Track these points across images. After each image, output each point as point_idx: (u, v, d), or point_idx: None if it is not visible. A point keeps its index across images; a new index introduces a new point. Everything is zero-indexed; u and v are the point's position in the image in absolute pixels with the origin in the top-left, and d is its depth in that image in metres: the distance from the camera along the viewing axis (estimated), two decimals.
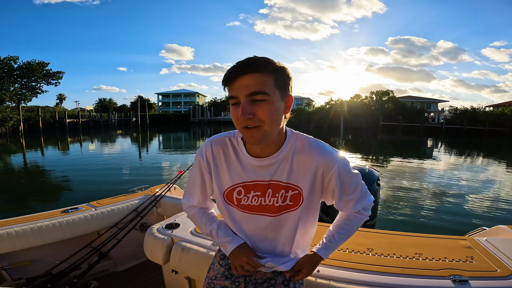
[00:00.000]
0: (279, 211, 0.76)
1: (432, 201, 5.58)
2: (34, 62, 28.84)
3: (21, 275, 1.61)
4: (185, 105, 59.65)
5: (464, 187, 6.88)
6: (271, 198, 0.75)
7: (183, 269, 1.29)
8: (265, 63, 0.64)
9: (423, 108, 39.18)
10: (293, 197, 0.75)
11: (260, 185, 0.75)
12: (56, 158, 11.94)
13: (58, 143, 18.64)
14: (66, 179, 7.40)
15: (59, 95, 60.45)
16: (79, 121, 33.57)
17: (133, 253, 2.08)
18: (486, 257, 1.13)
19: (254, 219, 0.78)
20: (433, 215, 4.71)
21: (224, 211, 0.82)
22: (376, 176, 2.32)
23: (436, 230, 4.01)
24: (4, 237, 1.51)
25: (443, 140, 23.02)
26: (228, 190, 0.78)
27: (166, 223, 1.50)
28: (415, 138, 23.65)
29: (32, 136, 23.15)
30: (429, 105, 44.44)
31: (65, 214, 1.80)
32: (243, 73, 0.63)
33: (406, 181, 7.26)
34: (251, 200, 0.77)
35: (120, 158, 11.30)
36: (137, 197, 2.14)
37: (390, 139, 22.64)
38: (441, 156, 13.32)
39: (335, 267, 1.08)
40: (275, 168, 0.74)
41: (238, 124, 0.67)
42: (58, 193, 6.10)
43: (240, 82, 0.64)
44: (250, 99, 0.63)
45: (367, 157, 12.05)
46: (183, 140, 21.76)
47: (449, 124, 31.09)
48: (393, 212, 4.80)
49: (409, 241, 1.29)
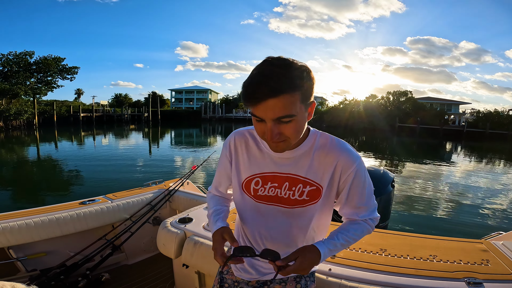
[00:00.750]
0: (295, 204, 0.77)
1: (448, 204, 5.48)
2: (50, 57, 29.92)
3: (36, 266, 1.66)
4: (197, 101, 60.55)
5: (483, 191, 6.69)
6: (287, 191, 0.76)
7: (194, 264, 1.31)
8: (291, 80, 0.59)
9: (443, 110, 37.82)
10: (310, 193, 0.76)
11: (278, 177, 0.76)
12: (73, 151, 12.45)
13: (72, 136, 19.41)
14: (85, 171, 7.75)
15: (77, 89, 62.87)
16: (93, 115, 34.67)
17: (144, 246, 2.12)
18: (502, 260, 1.13)
19: (269, 210, 0.79)
20: (449, 218, 4.64)
21: (240, 201, 0.84)
22: (391, 178, 2.32)
23: (452, 233, 3.97)
24: (23, 228, 1.55)
25: (464, 144, 22.23)
26: (247, 180, 0.80)
27: (179, 217, 1.52)
28: (434, 141, 22.87)
29: (47, 130, 24.16)
30: (449, 107, 42.50)
31: (83, 206, 1.85)
32: (269, 96, 0.59)
33: (421, 184, 7.13)
34: (267, 191, 0.78)
35: (135, 152, 11.70)
36: (151, 191, 2.19)
37: (407, 141, 22.05)
38: (461, 160, 12.91)
39: (347, 266, 1.10)
40: (295, 162, 0.75)
41: (263, 134, 0.67)
42: (77, 185, 6.40)
43: (265, 105, 0.60)
44: (277, 121, 0.63)
45: (382, 159, 11.85)
46: (195, 136, 22.11)
47: (471, 127, 29.90)
48: (407, 214, 4.75)
49: (423, 243, 1.29)
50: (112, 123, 35.56)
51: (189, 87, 66.67)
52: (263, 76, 0.60)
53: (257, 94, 0.60)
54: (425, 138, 25.56)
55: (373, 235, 1.41)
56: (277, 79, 0.59)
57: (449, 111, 41.10)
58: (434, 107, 37.47)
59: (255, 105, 0.62)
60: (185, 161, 9.91)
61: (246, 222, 0.84)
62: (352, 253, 1.21)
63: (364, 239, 1.36)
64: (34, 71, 29.35)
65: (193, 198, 2.16)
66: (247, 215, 0.83)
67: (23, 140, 17.33)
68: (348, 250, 1.24)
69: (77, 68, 32.53)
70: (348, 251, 1.23)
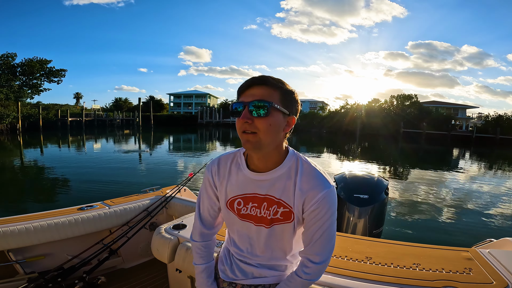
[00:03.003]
0: (271, 223, 0.85)
1: (445, 212, 5.60)
2: (36, 59, 29.74)
3: (34, 269, 1.77)
4: (196, 106, 61.36)
5: (486, 197, 6.83)
6: (266, 211, 0.84)
7: (186, 269, 1.40)
8: (276, 81, 0.76)
9: (449, 114, 37.55)
10: (283, 214, 0.83)
11: (257, 198, 0.84)
12: (62, 156, 12.45)
13: (59, 142, 19.44)
14: (84, 177, 7.98)
15: (76, 93, 64.05)
16: (83, 120, 34.76)
17: (141, 251, 2.24)
18: (485, 269, 1.17)
19: (252, 228, 0.88)
20: (442, 226, 4.76)
21: (226, 216, 0.93)
22: (385, 185, 2.37)
23: (443, 241, 4.03)
24: (22, 232, 1.67)
25: (473, 150, 22.15)
26: (230, 200, 0.89)
27: (173, 224, 1.63)
28: (441, 148, 22.82)
29: (32, 134, 24.19)
30: (456, 111, 42.51)
31: (81, 211, 1.97)
32: (254, 83, 0.76)
33: (418, 191, 7.25)
34: (250, 210, 0.86)
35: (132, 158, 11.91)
36: (148, 198, 2.32)
37: (412, 147, 22.06)
38: (468, 166, 12.96)
39: (331, 274, 1.14)
40: (271, 183, 0.83)
41: (239, 129, 0.77)
42: (76, 191, 6.57)
43: (249, 91, 0.76)
44: (253, 110, 0.74)
45: (383, 166, 11.83)
46: (188, 142, 22.10)
47: (480, 133, 29.88)
48: (402, 222, 4.86)
49: (409, 251, 1.34)
50: (104, 128, 35.74)
51: (188, 91, 67.38)
52: (256, 76, 0.78)
53: (247, 83, 0.77)
54: (432, 144, 25.58)
55: (361, 243, 1.46)
56: (264, 77, 0.76)
57: (455, 115, 41.30)
58: (440, 112, 37.23)
59: (243, 93, 0.77)
60: (182, 167, 10.09)
61: (233, 233, 0.95)
62: (338, 261, 1.25)
63: (351, 246, 1.42)
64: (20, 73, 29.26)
65: (189, 205, 2.27)
66: (233, 229, 0.93)
67: (5, 145, 17.33)
68: (333, 257, 1.28)
69: (64, 71, 32.46)
70: (333, 259, 1.27)
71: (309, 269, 0.83)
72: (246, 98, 0.75)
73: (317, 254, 0.82)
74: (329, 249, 0.83)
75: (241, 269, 0.93)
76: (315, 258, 0.82)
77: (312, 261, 0.83)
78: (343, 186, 2.41)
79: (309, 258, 0.83)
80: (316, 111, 45.11)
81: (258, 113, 0.74)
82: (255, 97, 0.74)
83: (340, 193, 2.35)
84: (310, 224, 0.81)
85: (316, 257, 0.82)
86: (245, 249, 0.92)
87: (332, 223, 0.81)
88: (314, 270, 0.83)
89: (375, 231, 2.17)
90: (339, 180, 2.52)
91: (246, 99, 0.75)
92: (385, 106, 37.09)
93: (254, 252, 0.91)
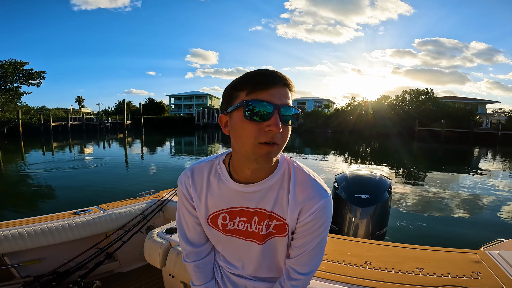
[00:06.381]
0: (264, 239, 0.81)
1: (454, 211, 5.64)
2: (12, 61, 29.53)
3: (30, 273, 1.87)
4: (197, 107, 62.44)
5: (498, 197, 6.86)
6: (257, 226, 0.80)
7: (177, 273, 1.44)
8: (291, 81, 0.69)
9: (470, 110, 35.85)
10: (277, 227, 0.80)
11: (246, 212, 0.79)
12: (52, 162, 12.55)
13: (43, 148, 19.53)
14: (78, 181, 8.36)
15: (77, 97, 65.42)
16: (68, 124, 34.87)
17: (138, 255, 2.33)
18: (494, 272, 1.15)
19: (241, 244, 0.83)
20: (450, 226, 4.77)
21: (209, 233, 0.88)
22: (388, 184, 2.41)
23: (450, 242, 4.04)
24: (17, 236, 1.77)
25: (499, 149, 21.19)
26: (212, 216, 0.83)
27: (166, 228, 1.68)
28: (462, 148, 22.19)
29: (12, 141, 24.22)
30: (475, 106, 41.33)
31: (75, 216, 2.08)
32: (284, 82, 0.66)
33: (426, 190, 7.29)
34: (237, 225, 0.81)
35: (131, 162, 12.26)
36: (144, 201, 2.42)
37: (429, 148, 21.42)
38: (491, 167, 12.65)
39: (327, 281, 1.14)
40: (261, 195, 0.77)
41: (255, 138, 0.65)
42: (69, 196, 6.84)
43: (277, 90, 0.65)
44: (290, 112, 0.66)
45: (397, 170, 11.69)
46: (173, 144, 22.19)
47: (505, 130, 28.49)
48: (407, 223, 4.87)
49: (412, 254, 1.33)
50: (94, 132, 35.88)
51: (188, 92, 68.88)
52: (268, 70, 0.67)
53: (271, 78, 0.65)
54: (451, 143, 25.06)
55: (360, 246, 1.46)
56: (283, 76, 0.67)
57: (474, 111, 40.67)
58: (459, 107, 36.09)
59: (267, 90, 0.64)
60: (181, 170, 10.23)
61: (220, 249, 0.92)
62: (334, 266, 1.25)
63: (350, 250, 1.42)
64: None
65: None
66: (219, 246, 0.90)
67: None
68: (331, 262, 1.29)
69: (43, 73, 32.42)
70: (330, 264, 1.27)
71: (297, 281, 0.82)
72: (275, 99, 0.64)
73: (306, 265, 0.81)
74: (319, 260, 0.83)
75: (232, 282, 0.91)
76: (303, 269, 0.81)
77: (299, 272, 0.81)
78: (344, 186, 2.45)
79: (296, 269, 0.81)
80: (321, 110, 44.28)
81: (293, 121, 0.67)
82: (286, 100, 0.66)
83: (341, 193, 2.39)
84: (302, 235, 0.78)
85: (304, 268, 0.81)
86: (237, 265, 0.89)
87: (326, 234, 0.80)
88: (302, 282, 0.82)
89: (379, 232, 2.20)
90: (340, 180, 2.56)
91: (275, 99, 0.64)
92: (396, 103, 36.08)
93: (246, 268, 0.88)
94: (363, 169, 9.83)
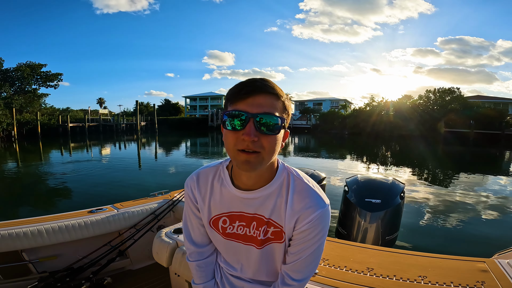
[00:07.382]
0: (262, 244, 0.85)
1: (473, 216, 5.48)
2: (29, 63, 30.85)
3: (46, 268, 1.99)
4: (212, 108, 63.72)
5: None
6: (255, 231, 0.84)
7: (182, 273, 1.50)
8: (278, 88, 0.72)
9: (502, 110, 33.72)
10: (274, 233, 0.83)
11: (245, 217, 0.84)
12: (70, 163, 13.19)
13: (61, 148, 20.50)
14: (95, 181, 8.83)
15: (99, 99, 69.18)
16: (86, 125, 36.20)
17: (148, 253, 2.41)
18: (500, 282, 1.12)
19: (240, 248, 0.88)
20: (468, 231, 4.68)
21: (210, 234, 0.94)
22: (401, 188, 2.39)
23: (462, 249, 4.00)
24: (35, 233, 1.91)
25: None
26: (214, 218, 0.88)
27: (174, 228, 1.77)
28: (493, 151, 21.20)
29: (31, 141, 25.49)
30: (505, 106, 38.86)
31: (91, 214, 2.21)
32: (259, 90, 0.69)
33: (448, 194, 7.12)
34: (236, 229, 0.86)
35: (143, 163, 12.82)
36: (156, 201, 2.55)
37: (457, 151, 20.50)
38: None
39: (325, 286, 1.15)
40: (260, 202, 0.81)
41: (234, 145, 0.70)
42: (86, 195, 7.33)
43: (253, 99, 0.68)
44: (258, 125, 0.68)
45: (419, 174, 11.34)
46: (187, 145, 22.56)
47: None
48: (417, 229, 4.78)
49: (416, 262, 1.32)
50: (111, 133, 37.23)
51: (203, 93, 70.39)
52: (253, 79, 0.71)
53: (248, 87, 0.69)
54: (480, 146, 23.89)
55: (363, 252, 1.46)
56: (267, 82, 0.71)
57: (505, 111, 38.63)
58: (489, 107, 34.07)
59: (244, 99, 0.69)
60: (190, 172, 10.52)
61: (220, 250, 0.98)
62: (336, 272, 1.26)
63: (353, 256, 1.43)
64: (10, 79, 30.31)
65: None
66: (219, 247, 0.96)
67: None
68: (332, 268, 1.30)
69: (60, 75, 33.67)
70: (331, 269, 1.28)
71: (290, 287, 0.85)
72: (250, 108, 0.68)
73: (300, 271, 0.84)
74: (314, 267, 0.86)
75: (231, 283, 0.96)
76: (297, 275, 0.84)
77: (293, 278, 0.84)
78: (355, 190, 2.45)
79: (291, 275, 0.84)
80: (338, 110, 43.34)
81: (269, 129, 0.69)
82: (263, 109, 0.68)
83: (350, 197, 2.39)
84: (298, 242, 0.81)
85: (298, 275, 0.84)
86: (236, 267, 0.94)
87: (322, 243, 0.82)
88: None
89: (388, 237, 2.18)
90: (351, 183, 2.56)
91: (250, 109, 0.68)
92: (420, 103, 34.70)
93: (245, 270, 0.93)
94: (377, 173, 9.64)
